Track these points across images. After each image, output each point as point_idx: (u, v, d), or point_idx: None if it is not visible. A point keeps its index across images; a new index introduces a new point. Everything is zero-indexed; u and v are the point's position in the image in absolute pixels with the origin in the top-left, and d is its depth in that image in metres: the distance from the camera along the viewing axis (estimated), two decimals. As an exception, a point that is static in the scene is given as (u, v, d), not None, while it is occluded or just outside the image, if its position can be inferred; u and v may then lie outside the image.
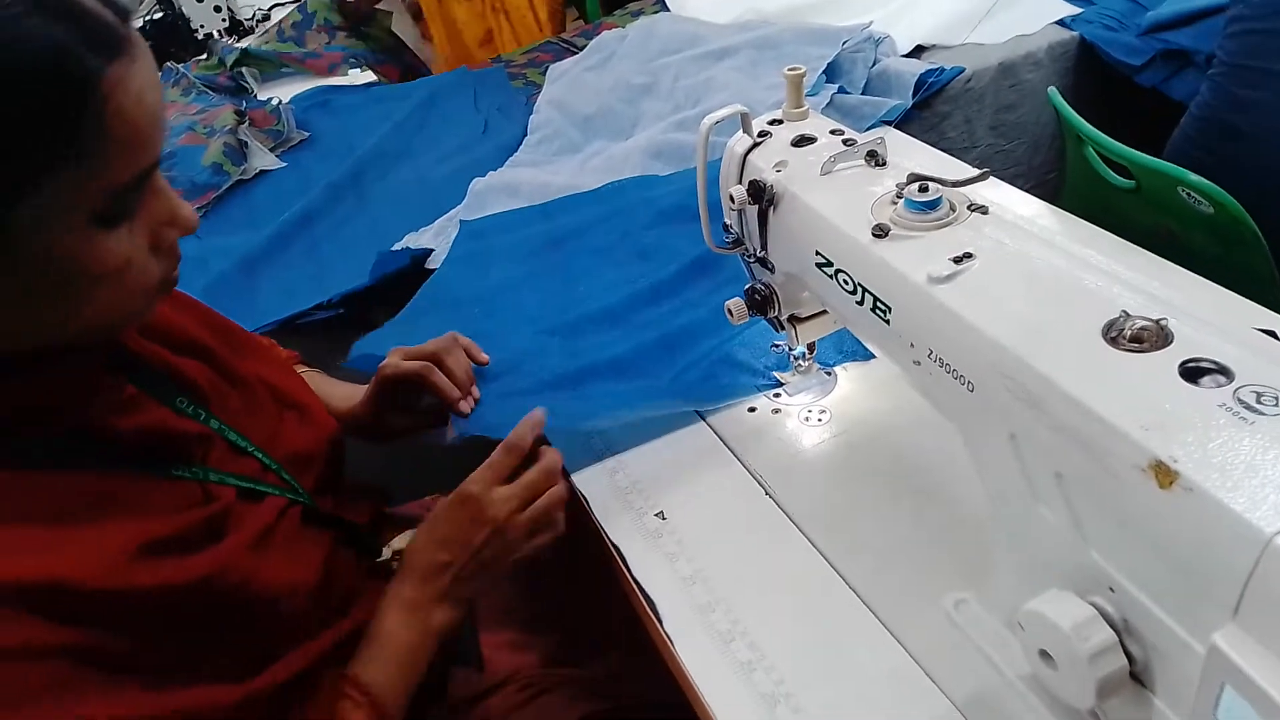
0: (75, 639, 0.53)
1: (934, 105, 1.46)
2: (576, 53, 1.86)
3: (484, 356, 0.93)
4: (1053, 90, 1.36)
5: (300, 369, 0.96)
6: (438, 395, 0.88)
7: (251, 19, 2.43)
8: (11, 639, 0.49)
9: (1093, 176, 1.33)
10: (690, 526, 0.80)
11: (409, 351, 0.89)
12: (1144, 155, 1.20)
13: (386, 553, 0.81)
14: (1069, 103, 1.34)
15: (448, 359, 0.88)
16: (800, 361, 0.91)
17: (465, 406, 0.88)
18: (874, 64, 1.45)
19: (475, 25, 2.45)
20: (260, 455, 0.72)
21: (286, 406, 0.79)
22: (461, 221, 1.32)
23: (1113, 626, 0.49)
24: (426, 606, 0.72)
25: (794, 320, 0.83)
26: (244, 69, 2.00)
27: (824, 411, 0.89)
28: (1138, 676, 0.49)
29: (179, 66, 2.07)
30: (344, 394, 0.95)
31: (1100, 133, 1.26)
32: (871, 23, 1.53)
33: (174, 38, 2.31)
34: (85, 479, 0.58)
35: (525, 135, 1.59)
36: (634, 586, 0.76)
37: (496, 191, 1.39)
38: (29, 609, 0.51)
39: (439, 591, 0.73)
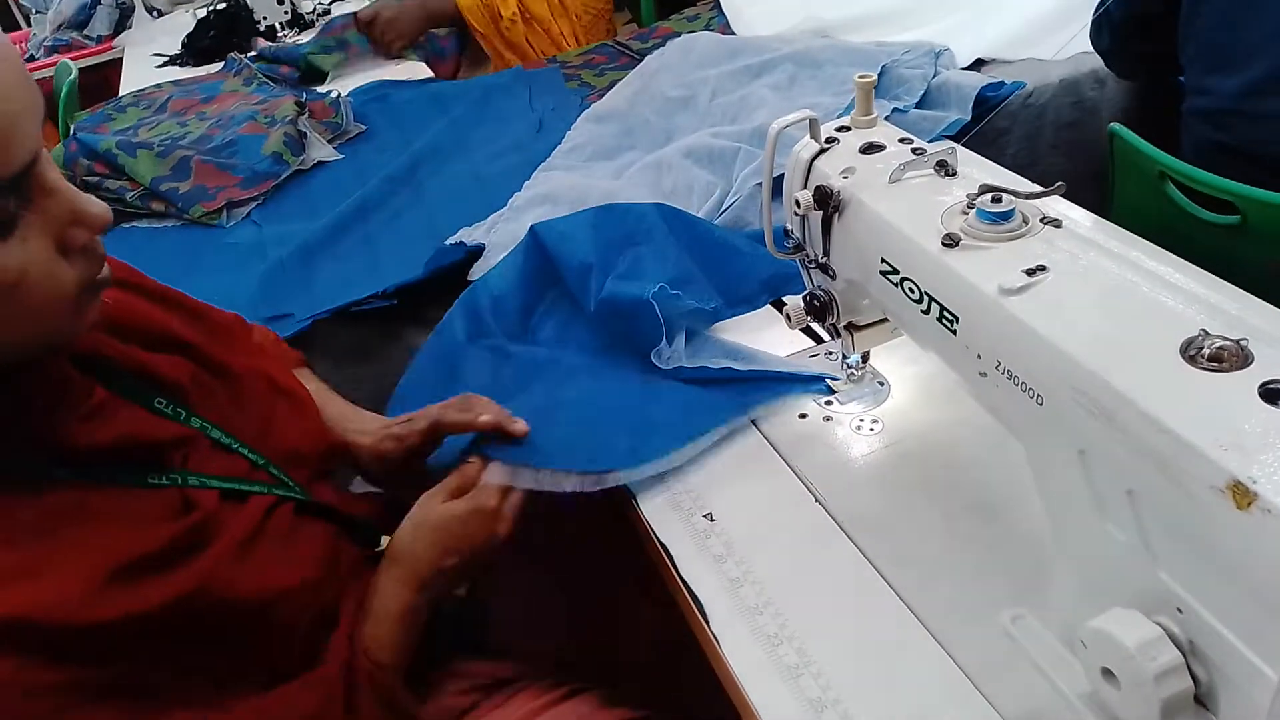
0: (56, 678, 0.51)
1: (992, 121, 1.44)
2: (631, 55, 1.87)
3: (520, 428, 0.83)
4: (1117, 125, 1.28)
5: (306, 376, 0.93)
6: (490, 430, 0.83)
7: (312, 12, 2.47)
8: None
9: (1174, 214, 1.23)
10: (739, 529, 0.80)
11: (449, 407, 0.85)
12: (1254, 189, 1.11)
13: (385, 542, 0.81)
14: (1124, 124, 1.28)
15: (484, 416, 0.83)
16: (854, 370, 0.91)
17: (520, 427, 0.82)
18: (934, 76, 1.44)
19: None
20: (248, 452, 0.71)
21: (281, 394, 0.79)
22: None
23: (1178, 647, 0.48)
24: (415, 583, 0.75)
25: (851, 328, 0.83)
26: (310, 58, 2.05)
27: (876, 421, 0.88)
28: (1201, 699, 0.49)
29: (242, 57, 2.11)
30: (357, 426, 0.89)
31: (1193, 166, 1.17)
32: (907, 51, 1.50)
33: (237, 28, 2.37)
34: (57, 494, 0.56)
35: (572, 142, 1.59)
36: (681, 586, 0.76)
37: (536, 204, 1.37)
38: (10, 646, 0.50)
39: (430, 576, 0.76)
